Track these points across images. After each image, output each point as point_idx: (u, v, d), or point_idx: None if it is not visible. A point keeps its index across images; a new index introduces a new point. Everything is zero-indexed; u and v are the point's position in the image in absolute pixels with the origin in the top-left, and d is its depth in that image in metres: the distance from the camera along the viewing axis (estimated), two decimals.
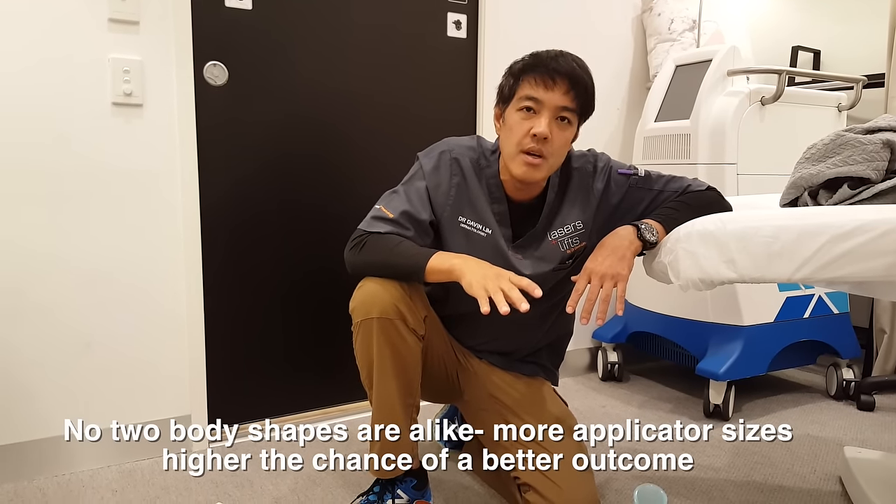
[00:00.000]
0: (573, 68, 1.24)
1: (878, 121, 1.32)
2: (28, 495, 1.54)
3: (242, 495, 1.55)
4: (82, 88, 1.59)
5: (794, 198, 1.37)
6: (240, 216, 1.88)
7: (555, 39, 2.31)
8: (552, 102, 1.24)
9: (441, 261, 1.22)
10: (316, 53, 1.93)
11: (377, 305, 1.26)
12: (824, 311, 2.21)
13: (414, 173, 1.38)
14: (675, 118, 2.20)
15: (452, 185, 1.36)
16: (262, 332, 1.95)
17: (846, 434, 1.96)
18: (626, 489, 1.60)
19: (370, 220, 1.32)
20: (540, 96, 1.24)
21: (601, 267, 1.25)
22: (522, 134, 1.25)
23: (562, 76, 1.23)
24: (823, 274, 1.06)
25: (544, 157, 1.26)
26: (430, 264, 1.22)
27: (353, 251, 1.29)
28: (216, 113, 1.80)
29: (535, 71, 1.25)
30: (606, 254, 1.26)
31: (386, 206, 1.33)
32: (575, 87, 1.24)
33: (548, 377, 1.57)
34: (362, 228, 1.31)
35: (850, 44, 2.62)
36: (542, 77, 1.24)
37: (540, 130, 1.23)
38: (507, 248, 1.37)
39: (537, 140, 1.24)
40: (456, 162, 1.36)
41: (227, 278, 1.87)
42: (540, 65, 1.25)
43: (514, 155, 1.28)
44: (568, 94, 1.24)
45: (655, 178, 1.41)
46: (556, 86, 1.24)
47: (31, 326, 1.59)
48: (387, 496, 1.40)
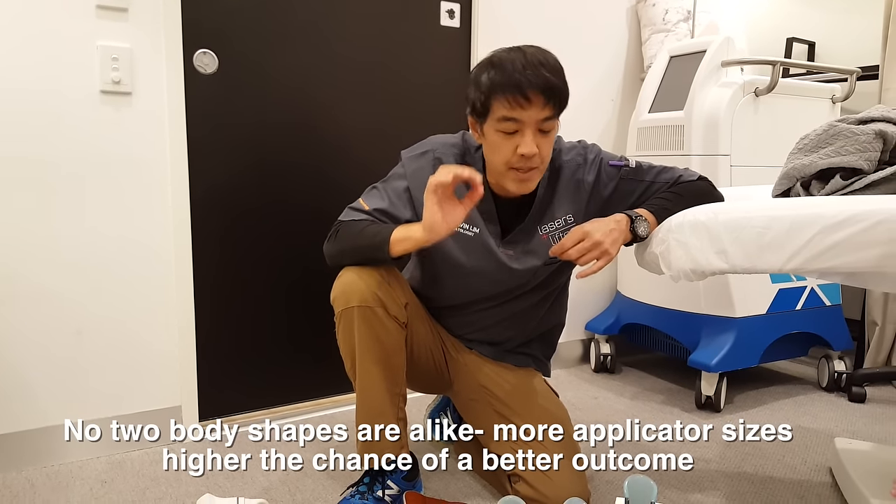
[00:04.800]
0: (545, 79, 1.18)
1: (870, 111, 1.32)
2: (17, 486, 1.53)
3: (233, 486, 1.55)
4: (70, 76, 1.58)
5: (786, 188, 1.37)
6: (230, 204, 1.86)
7: (549, 29, 2.32)
8: (532, 119, 1.20)
9: (402, 230, 1.23)
10: (306, 41, 1.91)
11: (356, 294, 1.26)
12: (816, 303, 2.22)
13: (395, 173, 1.37)
14: (669, 109, 2.19)
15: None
16: (253, 321, 1.94)
17: (837, 425, 1.97)
18: (617, 480, 1.60)
19: (347, 211, 1.35)
20: (518, 116, 1.20)
21: (597, 234, 1.22)
22: (510, 153, 1.23)
23: (536, 91, 1.17)
24: (815, 264, 1.06)
25: (535, 168, 1.25)
26: (394, 235, 1.23)
27: (329, 242, 1.32)
28: (206, 101, 1.78)
29: (506, 91, 1.18)
30: (605, 229, 1.23)
31: (364, 199, 1.34)
32: (551, 97, 1.19)
33: (539, 368, 1.57)
34: (339, 219, 1.33)
35: (845, 35, 2.61)
36: (516, 97, 1.18)
37: (528, 151, 1.20)
38: (495, 245, 1.36)
39: (526, 159, 1.22)
40: (439, 162, 1.33)
41: (217, 266, 1.86)
42: (511, 83, 1.17)
43: (504, 172, 1.26)
44: (546, 106, 1.20)
45: (646, 168, 1.40)
46: (531, 104, 1.18)
47: (20, 315, 1.58)
48: (377, 486, 1.40)
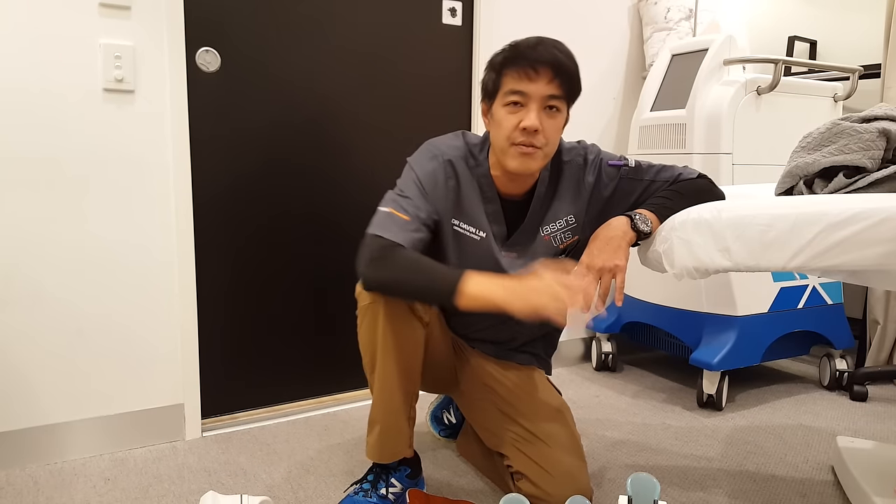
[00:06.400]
0: (555, 55, 1.20)
1: (874, 109, 1.31)
2: (20, 483, 1.53)
3: (235, 483, 1.55)
4: (73, 75, 1.58)
5: (789, 187, 1.37)
6: (233, 203, 1.86)
7: (551, 27, 2.32)
8: (538, 93, 1.21)
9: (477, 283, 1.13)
10: (309, 39, 1.91)
11: None
12: (818, 301, 2.22)
13: (410, 179, 1.32)
14: (671, 107, 2.19)
15: (449, 188, 1.33)
16: (255, 319, 1.95)
17: (839, 424, 1.97)
18: (620, 478, 1.60)
19: (382, 223, 1.25)
20: (524, 88, 1.21)
21: (598, 260, 1.23)
22: (512, 128, 1.23)
23: (544, 65, 1.20)
24: (818, 263, 1.06)
25: (538, 147, 1.24)
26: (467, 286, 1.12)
27: (374, 267, 1.20)
28: (208, 100, 1.79)
29: (516, 63, 1.21)
30: (602, 246, 1.25)
31: (395, 208, 1.27)
32: (559, 73, 1.21)
33: (541, 366, 1.57)
34: (378, 234, 1.23)
35: (847, 34, 2.61)
36: (524, 69, 1.20)
37: (529, 123, 1.21)
38: (498, 251, 1.37)
39: (528, 133, 1.22)
40: (450, 164, 1.33)
41: (220, 264, 1.86)
42: (520, 56, 1.21)
43: (507, 148, 1.25)
44: (553, 83, 1.21)
45: (646, 168, 1.40)
46: (539, 76, 1.20)
47: (22, 314, 1.58)
48: (381, 484, 1.40)
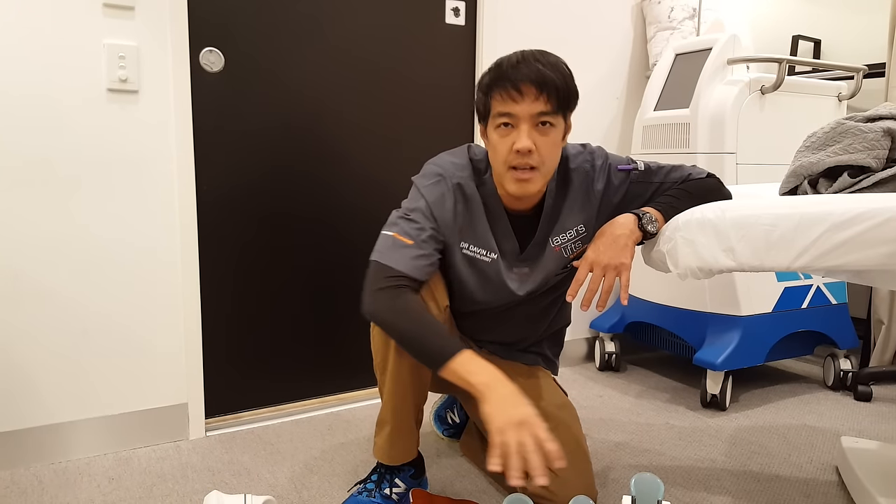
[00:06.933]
0: (538, 70, 1.17)
1: (878, 109, 1.31)
2: (25, 482, 1.54)
3: (239, 483, 1.55)
4: (77, 75, 1.58)
5: (793, 186, 1.36)
6: (237, 203, 1.87)
7: (554, 27, 2.32)
8: (525, 112, 1.18)
9: (466, 367, 1.13)
10: (312, 39, 1.91)
11: None
12: (822, 301, 2.21)
13: (416, 202, 1.30)
14: (675, 107, 2.19)
15: (457, 212, 1.31)
16: (259, 319, 1.95)
17: (843, 424, 1.96)
18: (623, 478, 1.60)
19: (387, 250, 1.25)
20: (511, 110, 1.18)
21: (603, 257, 1.23)
22: (506, 151, 1.21)
23: (527, 83, 1.16)
24: (823, 262, 1.06)
25: (535, 168, 1.21)
26: (454, 364, 1.13)
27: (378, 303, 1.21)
28: (212, 99, 1.79)
29: (500, 85, 1.19)
30: (608, 243, 1.24)
31: (400, 233, 1.26)
32: (545, 89, 1.17)
33: (548, 366, 1.57)
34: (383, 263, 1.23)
35: (851, 33, 2.60)
36: (508, 90, 1.18)
37: (521, 146, 1.18)
38: (507, 273, 1.36)
39: (521, 154, 1.19)
40: (459, 188, 1.31)
41: (223, 264, 1.87)
42: (502, 77, 1.18)
43: (504, 173, 1.23)
44: (539, 99, 1.17)
45: (655, 169, 1.38)
46: (523, 96, 1.17)
47: (27, 314, 1.59)
48: (384, 484, 1.40)
